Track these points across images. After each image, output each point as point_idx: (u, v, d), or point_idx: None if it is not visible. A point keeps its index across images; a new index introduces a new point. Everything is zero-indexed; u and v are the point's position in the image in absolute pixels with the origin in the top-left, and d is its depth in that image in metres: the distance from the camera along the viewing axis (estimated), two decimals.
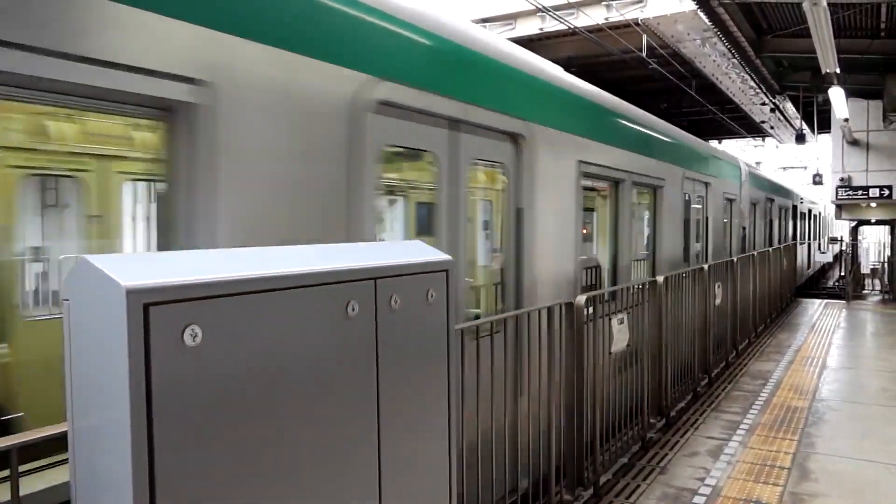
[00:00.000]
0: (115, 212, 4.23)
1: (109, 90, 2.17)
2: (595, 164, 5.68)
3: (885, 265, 19.22)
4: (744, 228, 12.30)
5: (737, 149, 30.05)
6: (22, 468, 1.70)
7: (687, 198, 8.77)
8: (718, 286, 8.01)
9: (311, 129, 2.87)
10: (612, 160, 6.10)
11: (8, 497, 1.66)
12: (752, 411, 6.69)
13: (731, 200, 11.40)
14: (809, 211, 24.44)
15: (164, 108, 2.39)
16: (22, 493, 1.69)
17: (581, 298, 4.42)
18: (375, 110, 3.20)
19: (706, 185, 9.60)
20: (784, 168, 41.66)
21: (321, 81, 2.91)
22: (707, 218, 9.71)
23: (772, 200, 15.64)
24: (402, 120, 3.46)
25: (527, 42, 14.02)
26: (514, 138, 4.52)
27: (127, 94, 2.23)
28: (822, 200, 28.00)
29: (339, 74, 2.99)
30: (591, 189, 6.62)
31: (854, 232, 21.23)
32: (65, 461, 1.58)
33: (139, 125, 3.34)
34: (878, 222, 19.93)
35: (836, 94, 11.41)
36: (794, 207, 20.08)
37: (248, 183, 2.60)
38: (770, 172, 22.36)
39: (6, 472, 1.66)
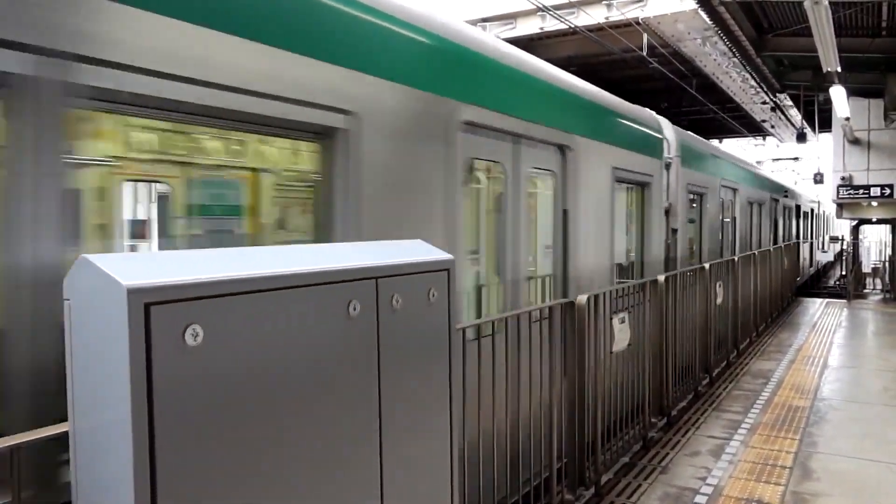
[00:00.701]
0: None
1: None
2: None
3: (887, 264, 19.21)
4: (674, 231, 7.97)
5: (738, 148, 29.89)
6: None
7: (481, 172, 4.52)
8: (720, 285, 8.00)
9: None
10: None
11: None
12: (753, 410, 6.69)
13: (641, 185, 7.12)
14: (798, 207, 19.87)
15: None
16: None
17: (582, 298, 4.42)
18: None
19: (560, 148, 5.14)
20: (774, 160, 37.86)
21: None
22: (565, 213, 5.24)
23: (734, 191, 11.39)
24: None
25: (527, 42, 14.02)
26: None
27: None
28: (817, 195, 24.88)
29: None
30: None
31: (855, 231, 21.21)
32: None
33: None
34: (879, 221, 19.91)
35: (837, 93, 11.40)
36: (775, 202, 16.20)
37: None
38: (736, 151, 16.07)
39: None
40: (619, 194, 6.57)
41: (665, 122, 8.21)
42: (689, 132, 9.70)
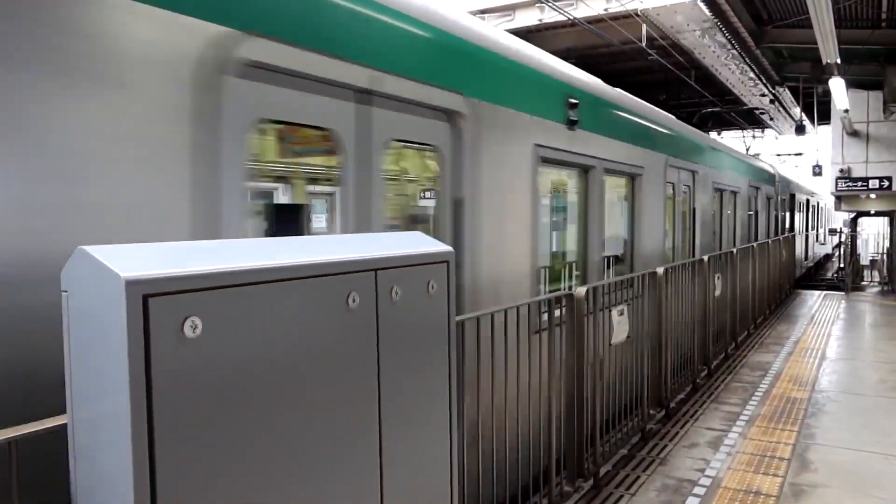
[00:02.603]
0: None
1: None
2: None
3: (884, 257, 19.24)
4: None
5: (736, 140, 29.75)
6: None
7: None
8: (718, 277, 8.00)
9: None
10: None
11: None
12: (751, 402, 6.70)
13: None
14: (716, 188, 10.23)
15: None
16: None
17: (581, 289, 4.41)
18: None
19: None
20: (721, 114, 21.08)
21: None
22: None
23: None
24: None
25: (525, 33, 13.97)
26: None
27: None
28: (784, 165, 20.84)
29: None
30: None
31: (853, 223, 21.22)
32: None
33: None
34: (877, 213, 19.92)
35: (837, 85, 11.38)
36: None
37: None
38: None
39: None
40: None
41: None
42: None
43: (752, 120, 24.50)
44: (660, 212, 7.43)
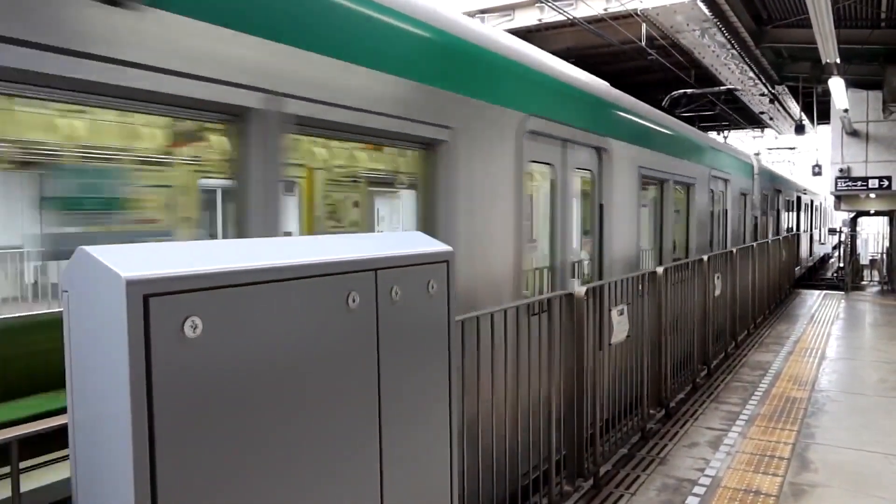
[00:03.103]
0: None
1: None
2: None
3: (884, 256, 19.25)
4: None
5: (735, 140, 29.74)
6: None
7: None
8: (718, 277, 8.01)
9: None
10: None
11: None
12: (751, 402, 6.70)
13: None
14: (650, 177, 7.62)
15: None
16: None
17: (581, 289, 4.41)
18: None
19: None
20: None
21: None
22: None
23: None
24: None
25: (525, 33, 13.97)
26: None
27: None
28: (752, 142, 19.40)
29: None
30: None
31: (853, 223, 21.23)
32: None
33: None
34: (877, 213, 19.93)
35: (836, 85, 11.38)
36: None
37: None
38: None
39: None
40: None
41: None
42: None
43: (751, 119, 24.50)
44: (508, 210, 4.47)
